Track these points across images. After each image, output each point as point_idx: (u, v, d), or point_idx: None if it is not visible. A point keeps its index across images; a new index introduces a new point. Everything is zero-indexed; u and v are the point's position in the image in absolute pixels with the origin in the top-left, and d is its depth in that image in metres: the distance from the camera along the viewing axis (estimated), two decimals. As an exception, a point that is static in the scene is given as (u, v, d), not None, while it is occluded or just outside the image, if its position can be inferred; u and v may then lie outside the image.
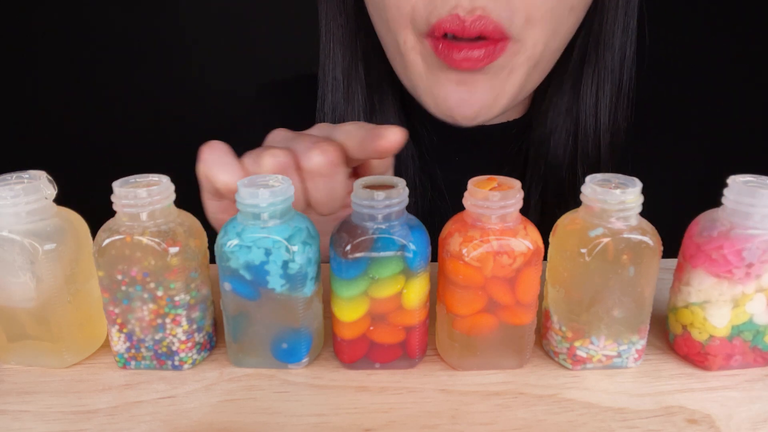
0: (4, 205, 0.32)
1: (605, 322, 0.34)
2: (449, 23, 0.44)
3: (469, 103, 0.48)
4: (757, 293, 0.33)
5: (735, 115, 1.35)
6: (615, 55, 0.54)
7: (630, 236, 0.32)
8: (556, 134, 0.56)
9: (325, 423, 0.32)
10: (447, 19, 0.44)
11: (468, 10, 0.43)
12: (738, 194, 0.33)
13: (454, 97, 0.48)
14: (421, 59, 0.48)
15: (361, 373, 0.35)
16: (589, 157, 0.56)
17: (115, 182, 0.33)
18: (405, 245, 0.32)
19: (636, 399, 0.33)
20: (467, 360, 0.35)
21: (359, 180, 0.33)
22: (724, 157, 0.63)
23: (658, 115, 0.64)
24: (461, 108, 0.48)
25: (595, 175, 0.34)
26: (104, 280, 0.33)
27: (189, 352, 0.35)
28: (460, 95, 0.47)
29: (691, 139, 0.65)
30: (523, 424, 0.32)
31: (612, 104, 0.55)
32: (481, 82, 0.47)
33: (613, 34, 0.53)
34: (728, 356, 0.35)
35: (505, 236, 0.32)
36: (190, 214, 0.35)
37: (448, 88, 0.48)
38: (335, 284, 0.33)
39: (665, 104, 0.68)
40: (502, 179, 0.34)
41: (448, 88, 0.48)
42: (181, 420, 0.32)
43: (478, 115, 0.48)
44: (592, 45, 0.53)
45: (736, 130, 1.36)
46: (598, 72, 0.54)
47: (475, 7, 0.43)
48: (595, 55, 0.53)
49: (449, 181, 0.59)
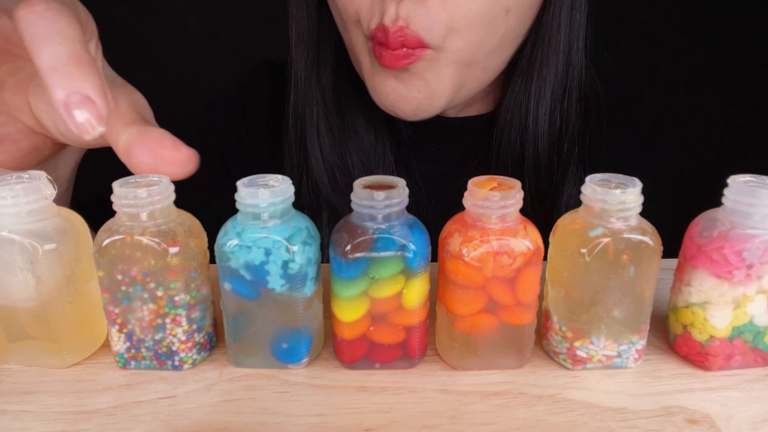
0: (4, 205, 0.32)
1: (605, 322, 0.34)
2: (380, 32, 0.46)
3: (406, 99, 0.50)
4: (758, 294, 0.33)
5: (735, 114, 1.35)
6: (559, 55, 0.53)
7: (630, 236, 0.32)
8: (506, 133, 0.57)
9: (325, 423, 0.32)
10: (379, 27, 0.46)
11: (392, 20, 0.45)
12: (738, 194, 0.32)
13: (393, 93, 0.50)
14: (368, 57, 0.50)
15: (361, 373, 0.35)
16: (531, 158, 0.57)
17: (115, 182, 0.33)
18: (405, 245, 0.32)
19: (636, 399, 0.33)
20: (467, 360, 0.35)
21: (359, 180, 0.33)
22: (724, 157, 0.63)
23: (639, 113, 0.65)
24: (400, 103, 0.50)
25: (595, 175, 0.34)
26: (104, 280, 0.33)
27: (189, 352, 0.35)
28: (397, 92, 0.50)
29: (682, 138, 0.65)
30: (523, 424, 0.32)
31: (554, 106, 0.55)
32: (413, 81, 0.49)
33: (558, 33, 0.52)
34: (728, 356, 0.35)
35: (505, 236, 0.32)
36: (190, 214, 0.35)
37: (388, 85, 0.50)
38: (335, 284, 0.33)
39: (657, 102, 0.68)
40: (502, 179, 0.34)
41: (388, 85, 0.50)
42: (181, 420, 0.32)
43: (417, 112, 0.50)
44: (538, 43, 0.53)
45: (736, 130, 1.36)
46: (541, 71, 0.54)
47: (398, 17, 0.45)
48: (540, 54, 0.53)
49: (423, 171, 0.60)
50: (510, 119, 0.57)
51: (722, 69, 1.35)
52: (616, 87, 0.61)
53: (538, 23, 0.52)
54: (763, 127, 1.39)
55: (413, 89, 0.49)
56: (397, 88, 0.49)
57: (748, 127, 1.36)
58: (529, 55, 0.54)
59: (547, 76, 0.54)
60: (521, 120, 0.56)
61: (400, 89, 0.49)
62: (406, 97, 0.50)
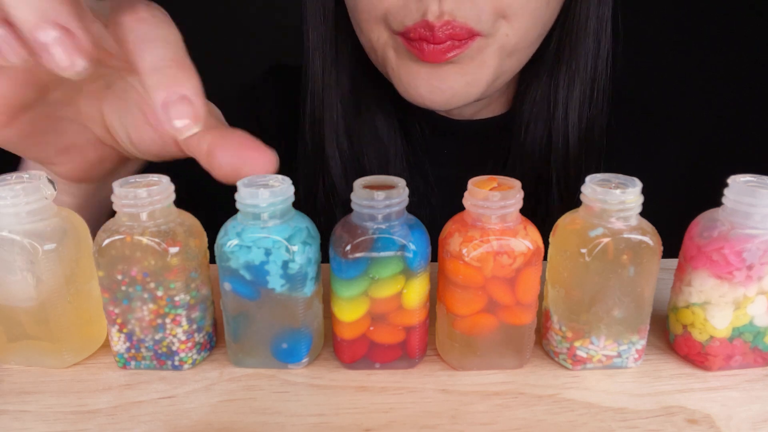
0: (4, 205, 0.32)
1: (605, 322, 0.34)
2: (421, 28, 0.45)
3: (440, 90, 0.49)
4: (759, 296, 0.33)
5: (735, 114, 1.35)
6: (588, 47, 0.54)
7: (630, 236, 0.32)
8: (531, 127, 0.57)
9: (325, 423, 0.32)
10: (420, 24, 0.45)
11: (436, 15, 0.44)
12: (738, 194, 0.32)
13: (425, 85, 0.49)
14: (394, 52, 0.49)
15: (361, 373, 0.35)
16: (559, 154, 0.56)
17: (115, 182, 0.33)
18: (405, 245, 0.32)
19: (636, 399, 0.33)
20: (467, 360, 0.35)
21: (359, 180, 0.33)
22: (724, 157, 0.63)
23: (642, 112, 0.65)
24: (432, 95, 0.49)
25: (595, 175, 0.34)
26: (104, 280, 0.33)
27: (189, 352, 0.35)
28: (431, 84, 0.48)
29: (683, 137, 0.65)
30: (523, 424, 0.32)
31: (583, 98, 0.55)
32: (452, 71, 0.48)
33: (587, 26, 0.53)
34: (728, 357, 0.35)
35: (505, 236, 0.32)
36: (190, 214, 0.35)
37: (419, 79, 0.49)
38: (335, 284, 0.33)
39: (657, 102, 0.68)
40: (502, 179, 0.34)
41: (419, 79, 0.49)
42: (181, 420, 0.32)
43: (450, 101, 0.49)
44: (566, 36, 0.53)
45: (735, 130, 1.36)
46: (570, 64, 0.54)
47: (443, 12, 0.44)
48: (568, 47, 0.53)
49: (437, 174, 0.60)
50: (536, 113, 0.56)
51: (722, 68, 1.35)
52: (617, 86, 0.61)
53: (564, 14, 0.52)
54: (764, 127, 1.38)
55: (449, 78, 0.48)
56: (430, 79, 0.48)
57: (749, 126, 1.36)
58: (556, 47, 0.54)
59: (576, 67, 0.54)
60: (549, 113, 0.56)
61: (434, 80, 0.48)
62: (439, 87, 0.49)
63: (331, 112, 0.57)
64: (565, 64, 0.54)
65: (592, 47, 0.54)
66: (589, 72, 0.55)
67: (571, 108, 0.55)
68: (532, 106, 0.56)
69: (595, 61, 0.54)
